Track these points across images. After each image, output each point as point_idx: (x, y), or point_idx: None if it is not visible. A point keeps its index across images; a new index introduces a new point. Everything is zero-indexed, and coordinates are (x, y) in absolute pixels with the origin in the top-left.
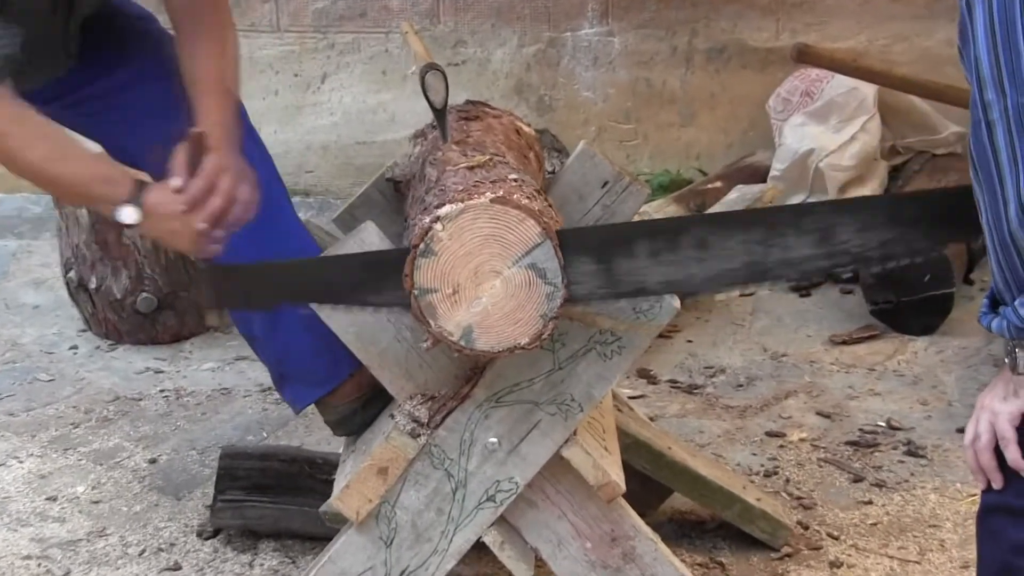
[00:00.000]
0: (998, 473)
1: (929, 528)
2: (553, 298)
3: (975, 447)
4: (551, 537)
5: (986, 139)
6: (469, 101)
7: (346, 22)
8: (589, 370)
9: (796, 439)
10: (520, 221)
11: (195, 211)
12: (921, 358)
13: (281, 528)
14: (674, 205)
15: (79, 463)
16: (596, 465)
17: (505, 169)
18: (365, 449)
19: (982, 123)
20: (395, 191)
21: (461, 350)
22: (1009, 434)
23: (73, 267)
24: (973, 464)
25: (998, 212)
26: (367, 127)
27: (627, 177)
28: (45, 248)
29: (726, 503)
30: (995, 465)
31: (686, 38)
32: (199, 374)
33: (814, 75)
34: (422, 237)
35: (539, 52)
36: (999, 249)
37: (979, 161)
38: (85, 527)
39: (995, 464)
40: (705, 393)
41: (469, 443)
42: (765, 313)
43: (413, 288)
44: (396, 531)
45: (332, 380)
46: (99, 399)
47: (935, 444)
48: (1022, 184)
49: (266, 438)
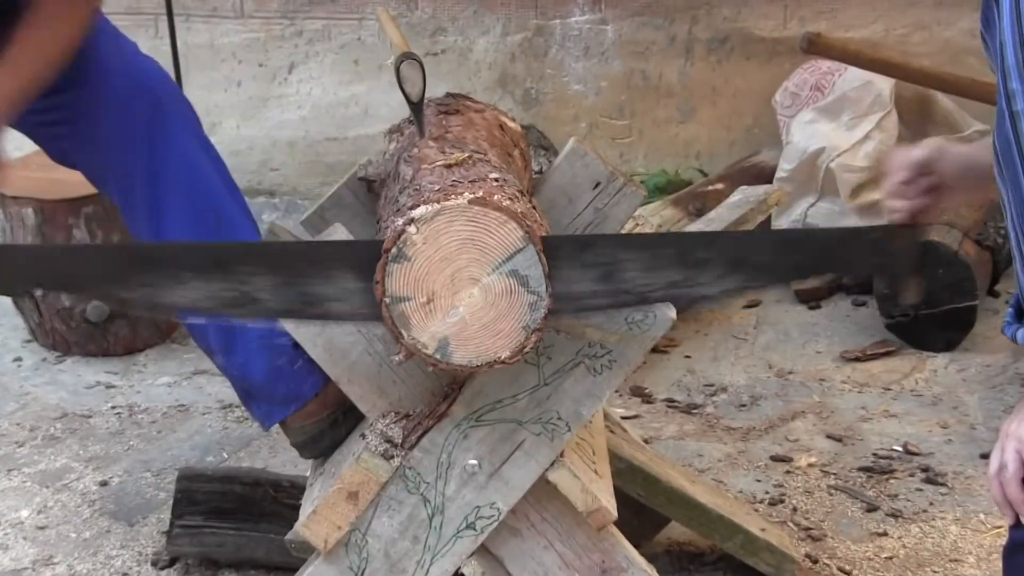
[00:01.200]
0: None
1: (950, 563)
2: (536, 308)
3: (1000, 478)
4: (536, 568)
5: (1010, 131)
6: (449, 94)
7: (316, 7)
8: (577, 386)
9: (804, 464)
10: (501, 224)
11: None
12: (941, 377)
13: (243, 557)
14: (671, 208)
15: (23, 485)
16: (585, 490)
17: (486, 168)
18: (334, 472)
19: (1006, 114)
20: (368, 191)
21: (437, 364)
22: None
23: None
24: (999, 496)
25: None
26: (338, 121)
27: (621, 178)
28: None
29: (727, 533)
30: (1023, 498)
31: (686, 27)
32: (154, 389)
33: (825, 68)
34: (395, 241)
35: (525, 41)
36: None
37: (1003, 155)
38: (30, 555)
39: (1023, 496)
40: (705, 413)
41: (447, 465)
42: (770, 326)
43: (384, 296)
44: (368, 561)
45: (297, 400)
46: (45, 416)
47: (956, 471)
48: None
49: (227, 459)
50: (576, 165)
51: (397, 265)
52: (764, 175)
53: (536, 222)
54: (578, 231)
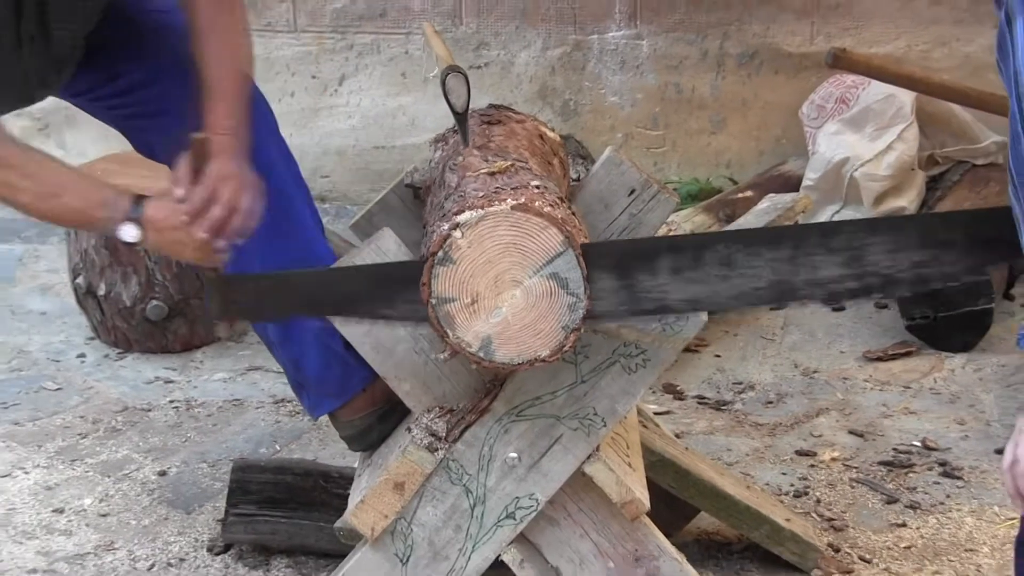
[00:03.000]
0: None
1: (965, 552)
2: (575, 309)
3: (1014, 472)
4: (573, 556)
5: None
6: (492, 105)
7: (365, 22)
8: (613, 384)
9: (827, 458)
10: (542, 229)
11: (197, 221)
12: (959, 376)
13: (294, 544)
14: (703, 215)
15: (86, 475)
16: (620, 482)
17: (527, 175)
18: (381, 463)
19: (1021, 136)
20: (414, 197)
21: (480, 362)
22: None
23: (81, 273)
24: (1012, 490)
25: None
26: (386, 131)
27: (655, 185)
28: (52, 253)
29: (754, 524)
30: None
31: (717, 42)
32: (210, 384)
33: (850, 81)
34: (440, 244)
35: (564, 55)
36: None
37: (1018, 176)
38: (92, 541)
39: None
40: (733, 410)
41: (488, 458)
42: (796, 327)
43: (431, 297)
44: (412, 548)
45: (345, 393)
46: (107, 409)
47: (972, 465)
48: None
49: (279, 451)
50: (612, 173)
51: (443, 268)
52: (791, 183)
53: (575, 227)
54: (612, 236)
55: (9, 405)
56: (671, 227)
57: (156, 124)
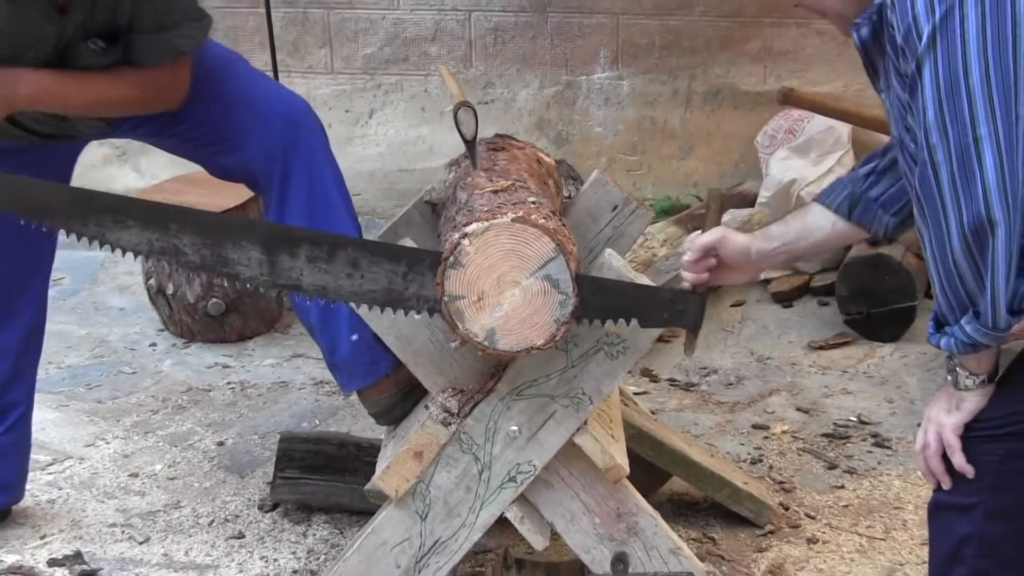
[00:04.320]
0: (947, 476)
1: (894, 510)
2: (565, 305)
3: (925, 454)
4: (565, 513)
5: (932, 179)
6: (496, 135)
7: (391, 65)
8: (598, 368)
9: (779, 431)
10: (537, 238)
11: None
12: (888, 362)
13: (331, 503)
14: (674, 227)
15: (157, 445)
16: (604, 451)
17: (526, 193)
18: (403, 435)
19: (928, 164)
20: (431, 212)
21: (485, 350)
22: (954, 443)
23: (153, 275)
24: (924, 469)
25: (943, 243)
26: (408, 156)
27: (634, 202)
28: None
29: (717, 486)
30: (943, 469)
31: (686, 82)
32: (261, 369)
33: (796, 115)
34: (452, 251)
35: (558, 93)
36: (943, 276)
37: (925, 198)
38: (162, 500)
39: (943, 468)
40: (700, 391)
41: (493, 431)
42: (752, 321)
43: (443, 295)
44: (430, 507)
45: (372, 375)
46: (174, 390)
47: (899, 437)
48: (964, 216)
49: (318, 425)
50: (598, 192)
51: (454, 271)
52: (748, 201)
53: (566, 237)
54: (599, 245)
55: (93, 386)
56: (647, 237)
57: (228, 148)
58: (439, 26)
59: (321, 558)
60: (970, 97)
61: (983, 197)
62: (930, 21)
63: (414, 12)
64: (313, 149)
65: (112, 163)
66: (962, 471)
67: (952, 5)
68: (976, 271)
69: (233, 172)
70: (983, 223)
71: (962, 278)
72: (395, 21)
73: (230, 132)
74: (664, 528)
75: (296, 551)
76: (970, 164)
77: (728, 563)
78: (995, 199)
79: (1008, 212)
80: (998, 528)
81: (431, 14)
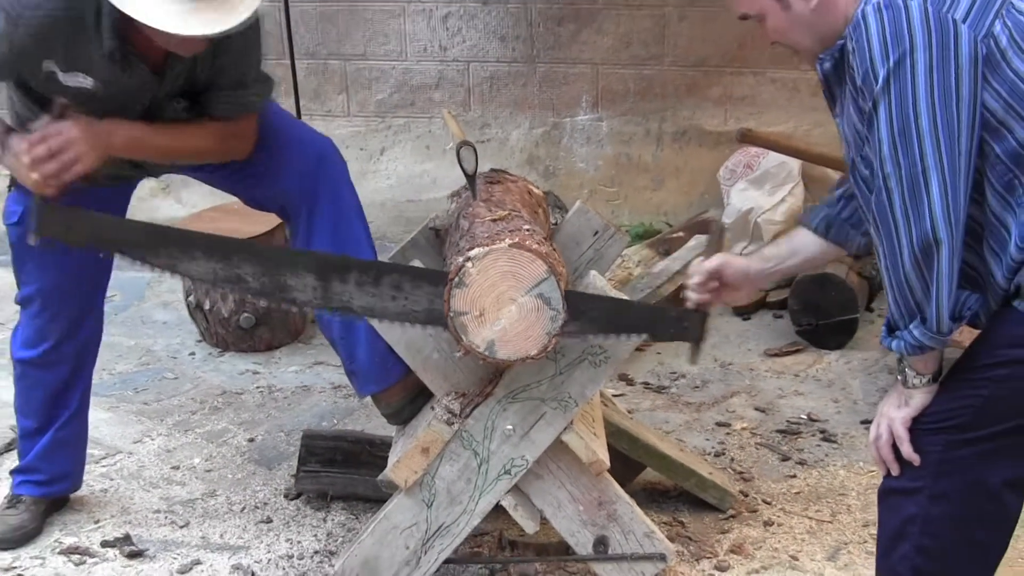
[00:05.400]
0: (896, 464)
1: (839, 496)
2: (556, 320)
3: (877, 445)
4: (553, 501)
5: (886, 203)
6: (493, 169)
7: (399, 109)
8: (583, 375)
9: (739, 428)
10: (531, 261)
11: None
12: (834, 367)
13: (348, 492)
14: (647, 249)
15: (195, 441)
16: (587, 447)
17: (520, 221)
18: (412, 433)
19: (883, 191)
20: (435, 237)
21: (486, 359)
22: (903, 434)
23: (192, 293)
24: (876, 457)
25: (895, 258)
26: (415, 188)
27: (612, 228)
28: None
29: (685, 476)
30: (893, 457)
31: (657, 123)
32: (286, 375)
33: (753, 152)
34: (456, 272)
35: (545, 133)
36: (895, 287)
37: (880, 219)
38: (200, 489)
39: (893, 457)
40: (670, 393)
41: (491, 429)
42: (716, 331)
43: (449, 311)
44: (435, 496)
45: (385, 381)
46: (211, 393)
47: (844, 432)
48: (914, 236)
49: (336, 424)
50: (581, 219)
51: (458, 290)
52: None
53: (556, 260)
54: (582, 266)
55: (140, 390)
56: (623, 259)
57: (265, 182)
58: (442, 75)
59: (339, 540)
60: (919, 134)
61: (930, 219)
62: (885, 66)
63: (420, 63)
64: (338, 182)
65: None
66: (909, 459)
67: (904, 53)
68: (924, 283)
69: (266, 203)
70: (930, 242)
71: (912, 289)
72: (403, 71)
73: (268, 169)
74: (639, 514)
75: (317, 534)
76: (919, 191)
77: (695, 544)
78: (940, 222)
79: (951, 233)
80: (938, 509)
81: (435, 65)
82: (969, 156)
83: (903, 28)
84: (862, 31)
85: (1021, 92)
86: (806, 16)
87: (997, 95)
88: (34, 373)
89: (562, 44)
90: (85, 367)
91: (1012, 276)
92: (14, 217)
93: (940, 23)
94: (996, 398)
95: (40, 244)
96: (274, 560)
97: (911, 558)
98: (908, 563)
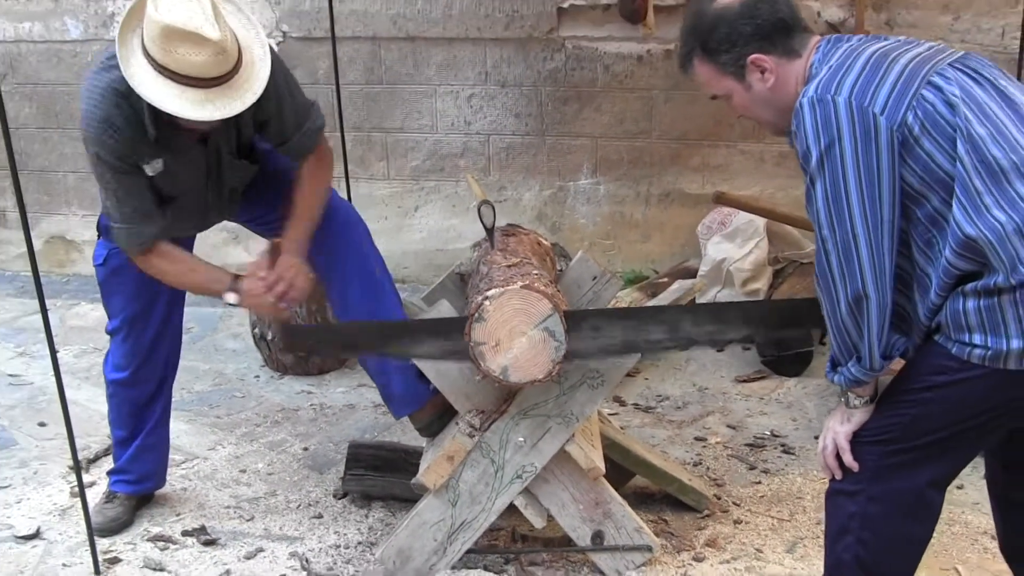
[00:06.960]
0: (839, 470)
1: (796, 499)
2: (559, 350)
3: (824, 454)
4: (557, 501)
5: (824, 261)
6: (508, 224)
7: (431, 173)
8: (583, 395)
9: (714, 442)
10: (539, 300)
11: (270, 291)
12: (793, 391)
13: (386, 493)
14: (637, 292)
15: (259, 449)
16: (587, 456)
17: (530, 267)
18: (440, 444)
19: (822, 251)
20: (460, 280)
21: (500, 382)
22: (845, 446)
23: (257, 326)
24: (823, 464)
25: (834, 307)
26: (443, 240)
27: (608, 274)
28: (240, 313)
29: (669, 481)
30: (837, 465)
31: (646, 187)
32: (335, 394)
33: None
34: (476, 309)
35: (552, 194)
36: (835, 331)
37: (820, 275)
38: (263, 489)
39: (837, 464)
40: (656, 412)
41: (506, 441)
42: (695, 361)
43: (470, 341)
44: (459, 496)
45: (416, 404)
46: (272, 409)
47: (801, 446)
48: (848, 290)
49: (377, 436)
50: (582, 266)
51: (478, 324)
52: (691, 273)
53: (560, 300)
54: (582, 306)
55: (213, 406)
56: (617, 300)
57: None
58: (466, 145)
59: (379, 533)
60: (849, 206)
61: (860, 277)
62: (817, 149)
63: (448, 135)
64: (360, 242)
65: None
66: (850, 467)
67: (833, 139)
68: (858, 329)
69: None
70: (860, 296)
71: (848, 333)
72: (435, 142)
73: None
74: (630, 513)
75: (360, 528)
76: (850, 253)
77: (676, 538)
78: (869, 279)
79: (878, 287)
80: (875, 508)
81: (460, 136)
82: (892, 223)
83: (831, 119)
84: (800, 119)
85: (931, 169)
86: (764, 94)
87: (913, 171)
88: (123, 391)
89: (567, 120)
90: (165, 384)
91: (932, 316)
92: (100, 259)
93: (862, 115)
94: (921, 416)
95: None
96: (324, 549)
97: (853, 548)
98: (850, 552)
